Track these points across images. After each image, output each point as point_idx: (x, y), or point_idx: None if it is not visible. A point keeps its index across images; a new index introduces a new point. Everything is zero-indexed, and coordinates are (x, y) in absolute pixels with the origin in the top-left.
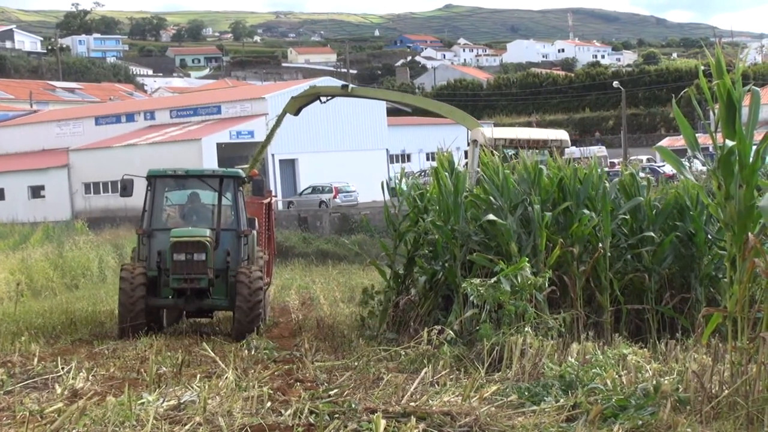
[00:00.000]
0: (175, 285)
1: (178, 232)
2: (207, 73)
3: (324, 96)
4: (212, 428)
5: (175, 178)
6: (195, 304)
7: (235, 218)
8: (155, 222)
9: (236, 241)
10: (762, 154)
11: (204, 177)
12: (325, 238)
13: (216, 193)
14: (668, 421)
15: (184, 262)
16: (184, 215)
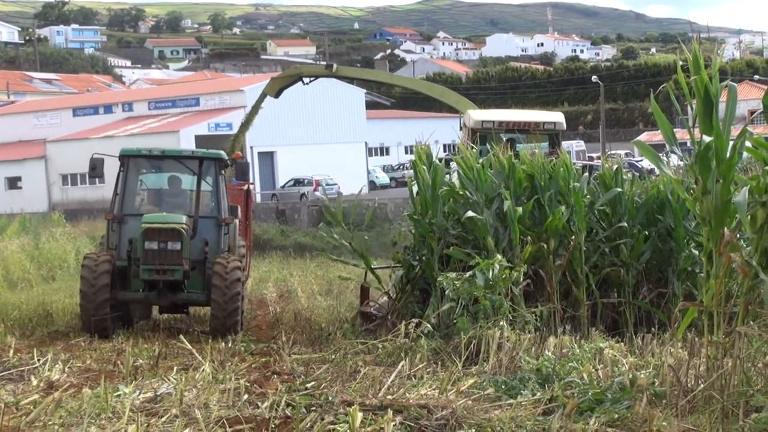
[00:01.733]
0: (145, 276)
1: (151, 217)
2: (186, 65)
3: (307, 77)
4: (189, 420)
5: (150, 158)
6: (168, 298)
7: (215, 205)
8: (127, 206)
9: (216, 230)
10: (739, 150)
11: (182, 158)
12: (303, 231)
13: (195, 176)
14: (644, 415)
15: (156, 252)
16: (159, 200)
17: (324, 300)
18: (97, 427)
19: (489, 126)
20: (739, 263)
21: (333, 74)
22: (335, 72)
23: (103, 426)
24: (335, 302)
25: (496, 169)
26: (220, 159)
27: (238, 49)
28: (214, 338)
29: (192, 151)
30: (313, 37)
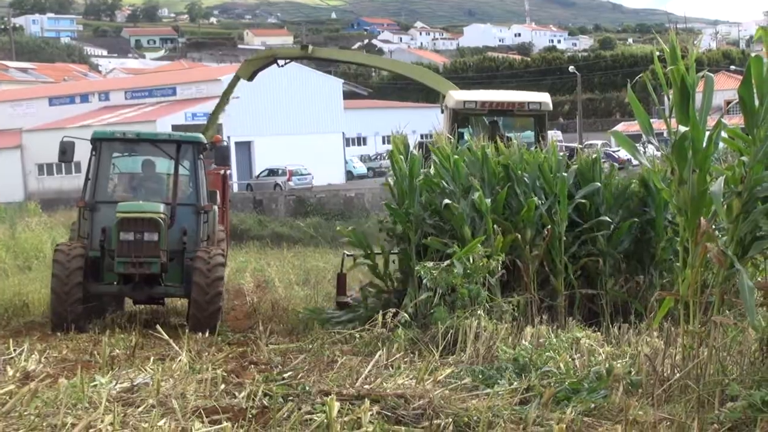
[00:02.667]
0: (120, 269)
1: (126, 206)
2: (162, 54)
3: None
4: (165, 410)
5: (123, 141)
6: (144, 291)
7: (193, 191)
8: (99, 193)
9: (194, 218)
10: (715, 140)
11: (158, 142)
12: (281, 220)
13: (172, 160)
14: (620, 404)
15: (132, 243)
16: (134, 186)
17: (301, 290)
18: (73, 417)
19: (471, 107)
20: (714, 253)
21: (309, 56)
22: (311, 53)
23: (80, 416)
24: (312, 292)
25: (469, 159)
26: (199, 142)
27: (215, 38)
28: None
29: (169, 134)
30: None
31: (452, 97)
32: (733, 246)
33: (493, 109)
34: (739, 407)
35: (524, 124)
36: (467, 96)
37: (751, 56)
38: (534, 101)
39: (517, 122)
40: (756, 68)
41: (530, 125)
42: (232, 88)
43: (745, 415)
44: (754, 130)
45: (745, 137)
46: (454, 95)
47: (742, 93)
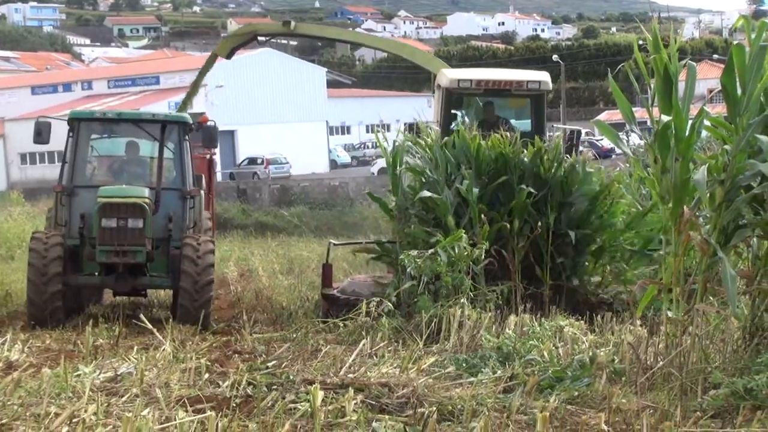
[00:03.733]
0: (103, 259)
1: (108, 190)
2: (146, 43)
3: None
4: (149, 400)
5: (103, 122)
6: (128, 283)
7: (179, 175)
8: (78, 177)
9: (180, 204)
10: (698, 129)
11: (141, 122)
12: (264, 209)
13: (155, 142)
14: (604, 392)
15: (115, 230)
16: (115, 170)
17: (285, 279)
18: (56, 407)
19: (466, 85)
20: (697, 241)
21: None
22: (293, 30)
23: (63, 405)
24: (296, 281)
25: (459, 148)
26: (185, 123)
27: (199, 27)
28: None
29: (152, 114)
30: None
31: (445, 76)
32: (716, 234)
33: (490, 88)
34: (721, 395)
35: (520, 105)
36: (461, 74)
37: (734, 45)
38: (533, 80)
39: (510, 103)
40: (738, 57)
41: (527, 107)
42: (208, 66)
43: (727, 402)
44: (736, 118)
45: (728, 126)
46: (447, 73)
47: (725, 82)
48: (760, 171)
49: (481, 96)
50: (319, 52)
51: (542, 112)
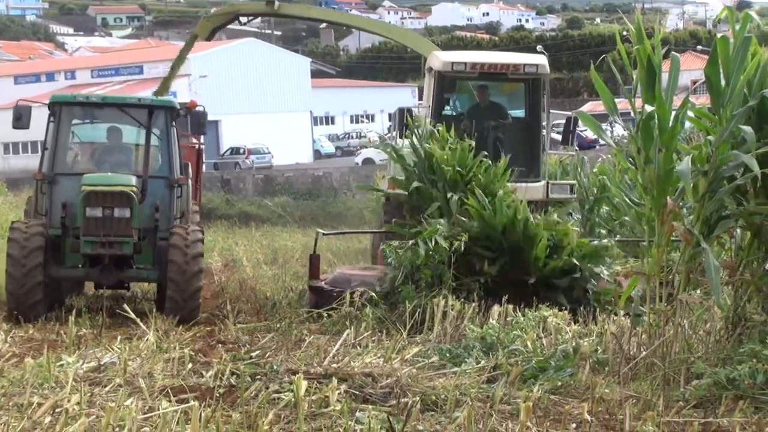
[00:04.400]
0: (88, 250)
1: (93, 178)
2: (129, 32)
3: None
4: (133, 390)
5: (86, 106)
6: (113, 275)
7: (166, 162)
8: (59, 164)
9: (167, 193)
10: (681, 119)
11: (126, 107)
12: (248, 200)
13: (140, 128)
14: (587, 382)
15: (100, 220)
16: (98, 157)
17: (269, 269)
18: (39, 397)
19: (460, 68)
20: (681, 232)
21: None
22: (277, 10)
23: (46, 395)
24: (280, 271)
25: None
26: (172, 108)
27: (183, 16)
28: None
29: (138, 99)
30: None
31: (438, 58)
32: (699, 225)
33: (485, 71)
34: (704, 385)
35: (514, 90)
36: (455, 57)
37: (718, 36)
38: (531, 63)
39: (504, 88)
40: (722, 48)
41: (521, 92)
42: (188, 48)
43: (709, 392)
44: (720, 109)
45: (712, 117)
46: (441, 56)
47: (709, 72)
48: (743, 162)
49: (475, 80)
50: (303, 42)
51: (539, 97)
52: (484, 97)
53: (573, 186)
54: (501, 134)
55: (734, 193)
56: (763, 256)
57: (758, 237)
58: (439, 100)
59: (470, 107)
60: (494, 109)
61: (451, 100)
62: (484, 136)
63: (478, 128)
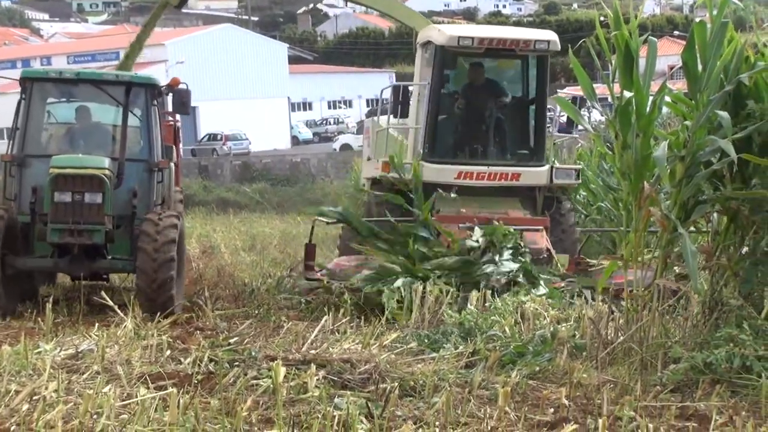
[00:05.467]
0: (55, 239)
1: (62, 160)
2: (105, 18)
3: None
4: (110, 377)
5: (60, 82)
6: (85, 266)
7: (146, 144)
8: (31, 145)
9: (147, 177)
10: (659, 105)
11: (103, 83)
12: (226, 186)
13: (119, 107)
14: (565, 367)
15: (69, 205)
16: (73, 138)
17: (247, 255)
18: (17, 384)
19: (467, 44)
20: (658, 217)
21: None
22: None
23: (24, 383)
24: (259, 258)
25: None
26: (153, 85)
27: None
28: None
29: (116, 75)
30: None
31: (442, 33)
32: (676, 210)
33: (493, 47)
34: (681, 369)
35: (510, 67)
36: (461, 31)
37: (695, 21)
38: (542, 39)
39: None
40: (699, 33)
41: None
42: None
43: (687, 376)
44: (697, 94)
45: (689, 102)
46: (446, 30)
47: (686, 58)
48: (719, 147)
49: (480, 56)
50: (280, 27)
51: (545, 75)
52: (479, 75)
53: (579, 171)
54: (501, 115)
55: (711, 178)
56: (739, 240)
57: (734, 222)
58: (439, 78)
59: (465, 85)
60: (492, 88)
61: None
62: (484, 117)
63: (474, 108)
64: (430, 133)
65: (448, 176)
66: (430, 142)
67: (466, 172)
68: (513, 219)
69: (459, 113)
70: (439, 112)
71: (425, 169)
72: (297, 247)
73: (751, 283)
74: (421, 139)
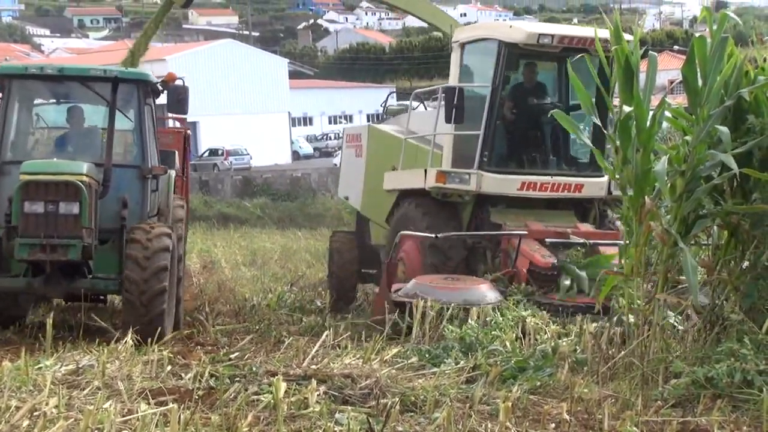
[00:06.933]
0: (24, 255)
1: (33, 165)
2: (106, 34)
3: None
4: (111, 392)
5: (41, 80)
6: (61, 286)
7: (138, 148)
8: (12, 151)
9: (139, 186)
10: (658, 119)
11: (89, 80)
12: (227, 201)
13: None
14: (566, 382)
15: (42, 217)
16: (62, 143)
17: (248, 270)
18: (17, 400)
19: (547, 42)
20: (658, 231)
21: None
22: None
23: (24, 399)
24: (259, 273)
25: None
26: (145, 81)
27: None
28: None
29: (104, 70)
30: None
31: (519, 29)
32: (677, 225)
33: (569, 46)
34: (682, 384)
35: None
36: (539, 28)
37: (695, 36)
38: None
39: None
40: (699, 48)
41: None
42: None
43: (688, 391)
44: (697, 109)
45: (689, 116)
46: (523, 26)
47: (686, 72)
48: (720, 161)
49: (554, 55)
50: (281, 42)
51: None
52: (532, 76)
53: None
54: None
55: (711, 193)
56: (740, 255)
57: (735, 236)
58: (503, 79)
59: (514, 88)
60: (543, 91)
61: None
62: (540, 123)
63: (529, 113)
64: (491, 140)
65: (510, 187)
66: (490, 150)
67: (529, 183)
68: (585, 233)
69: (512, 118)
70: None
71: (484, 179)
72: (297, 262)
73: (752, 298)
74: (479, 147)
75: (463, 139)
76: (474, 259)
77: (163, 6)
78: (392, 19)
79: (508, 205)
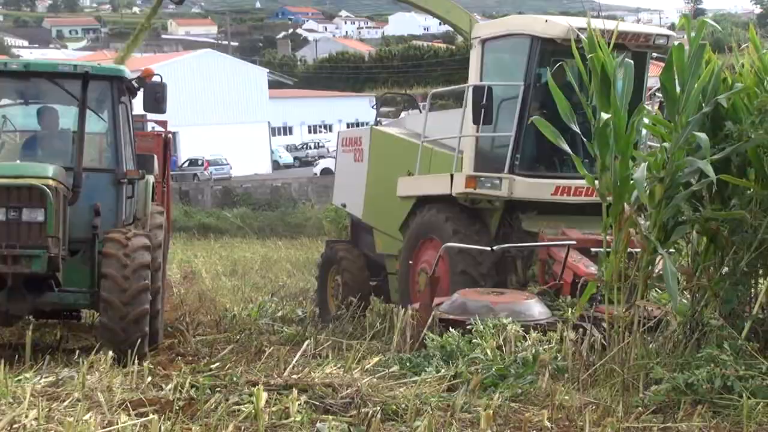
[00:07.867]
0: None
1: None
2: (85, 44)
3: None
4: (91, 404)
5: (4, 76)
6: (26, 302)
7: (112, 150)
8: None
9: (113, 192)
10: (636, 126)
11: (58, 77)
12: (207, 211)
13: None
14: (547, 389)
15: (2, 225)
16: (32, 147)
17: (229, 281)
18: None
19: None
20: (637, 238)
21: None
22: None
23: (3, 411)
24: (240, 282)
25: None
26: (120, 78)
27: None
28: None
29: (74, 66)
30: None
31: (555, 24)
32: (656, 231)
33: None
34: (662, 390)
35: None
36: (576, 22)
37: (674, 44)
38: (661, 34)
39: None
40: (677, 55)
41: None
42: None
43: (668, 397)
44: (675, 116)
45: (667, 123)
46: (557, 20)
47: (664, 80)
48: (698, 168)
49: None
50: (260, 52)
51: (644, 76)
52: (560, 75)
53: None
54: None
55: (690, 199)
56: (719, 261)
57: (714, 242)
58: (536, 76)
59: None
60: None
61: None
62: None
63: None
64: (522, 142)
65: (544, 192)
66: (522, 153)
67: (564, 187)
68: None
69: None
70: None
71: (517, 183)
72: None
73: (732, 303)
74: (510, 149)
75: (486, 141)
76: (503, 269)
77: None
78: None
79: (540, 211)
